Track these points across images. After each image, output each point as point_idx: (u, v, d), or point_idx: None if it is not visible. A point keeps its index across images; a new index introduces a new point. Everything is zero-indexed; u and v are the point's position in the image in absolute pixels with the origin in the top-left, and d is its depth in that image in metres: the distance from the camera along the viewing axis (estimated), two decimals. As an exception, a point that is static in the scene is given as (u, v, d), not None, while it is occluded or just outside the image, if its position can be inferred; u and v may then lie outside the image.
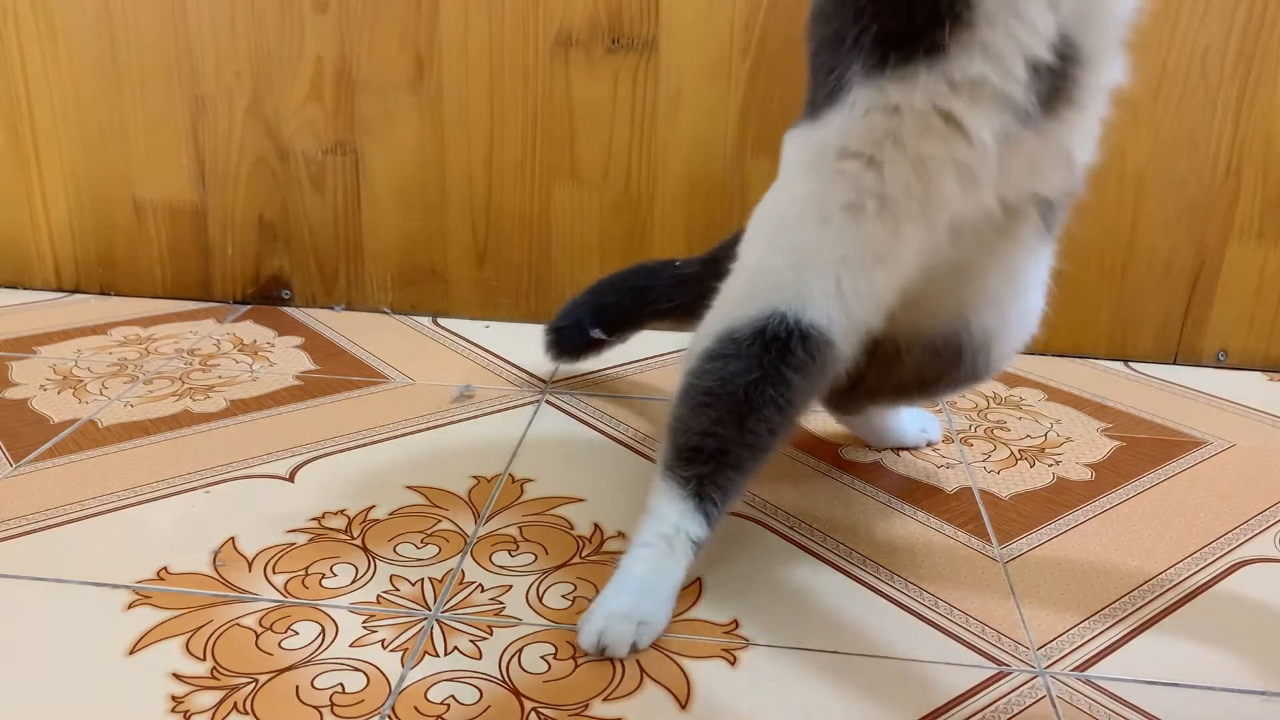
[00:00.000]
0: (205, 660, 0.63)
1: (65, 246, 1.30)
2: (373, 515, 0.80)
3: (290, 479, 0.85)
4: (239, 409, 0.98)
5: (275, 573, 0.72)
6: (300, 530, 0.77)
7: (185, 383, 1.04)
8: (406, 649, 0.64)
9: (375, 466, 0.88)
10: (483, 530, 0.78)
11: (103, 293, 1.31)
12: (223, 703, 0.59)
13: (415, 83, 1.19)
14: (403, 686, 0.61)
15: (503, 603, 0.69)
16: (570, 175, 1.20)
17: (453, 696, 0.60)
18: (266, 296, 1.29)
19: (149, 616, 0.67)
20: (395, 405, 1.00)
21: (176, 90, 1.22)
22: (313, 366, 1.10)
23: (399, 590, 0.70)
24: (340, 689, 0.61)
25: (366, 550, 0.75)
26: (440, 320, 1.26)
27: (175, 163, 1.25)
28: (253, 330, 1.20)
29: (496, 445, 0.92)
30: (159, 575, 0.71)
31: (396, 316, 1.27)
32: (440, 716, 0.59)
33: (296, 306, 1.29)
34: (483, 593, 0.71)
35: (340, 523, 0.79)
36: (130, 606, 0.68)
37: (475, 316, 1.27)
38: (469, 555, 0.75)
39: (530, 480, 0.86)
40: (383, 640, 0.65)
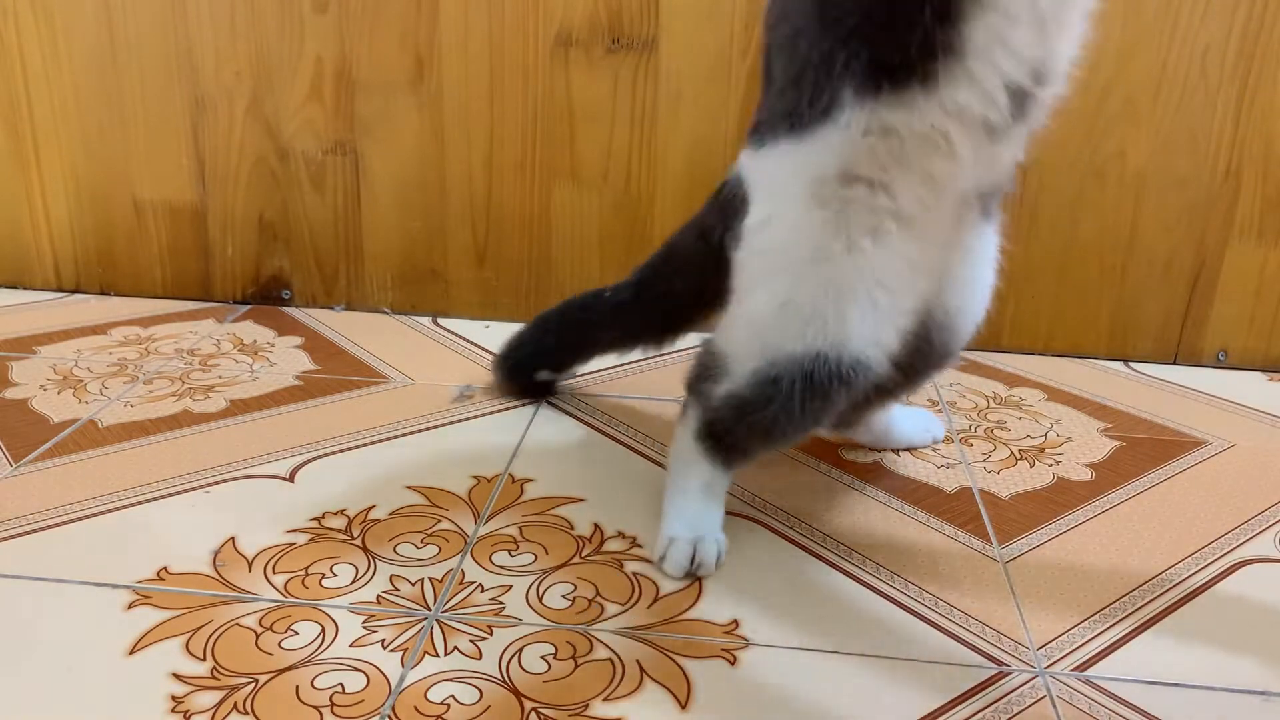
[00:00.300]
0: (205, 660, 0.63)
1: (65, 246, 1.30)
2: (373, 515, 0.80)
3: (290, 479, 0.85)
4: (239, 409, 0.98)
5: (275, 573, 0.72)
6: (300, 530, 0.77)
7: (185, 383, 1.04)
8: (406, 649, 0.64)
9: (375, 466, 0.88)
10: (483, 530, 0.78)
11: (103, 293, 1.31)
12: (223, 703, 0.59)
13: (415, 83, 1.19)
14: (403, 686, 0.61)
15: (503, 603, 0.70)
16: (570, 175, 1.20)
17: (453, 696, 0.60)
18: (266, 296, 1.29)
19: (149, 616, 0.67)
20: (395, 405, 1.00)
21: (176, 90, 1.22)
22: (313, 366, 1.10)
23: (399, 590, 0.70)
24: (340, 689, 0.61)
25: (366, 550, 0.75)
26: (440, 320, 1.26)
27: (175, 163, 1.25)
28: (253, 330, 1.20)
29: (496, 445, 0.92)
30: (159, 575, 0.71)
31: (396, 316, 1.27)
32: (440, 716, 0.59)
33: (296, 306, 1.29)
34: (483, 593, 0.71)
35: (340, 523, 0.79)
36: (130, 606, 0.68)
37: (475, 316, 1.27)
38: (469, 555, 0.75)
39: (530, 480, 0.86)
40: (383, 640, 0.65)
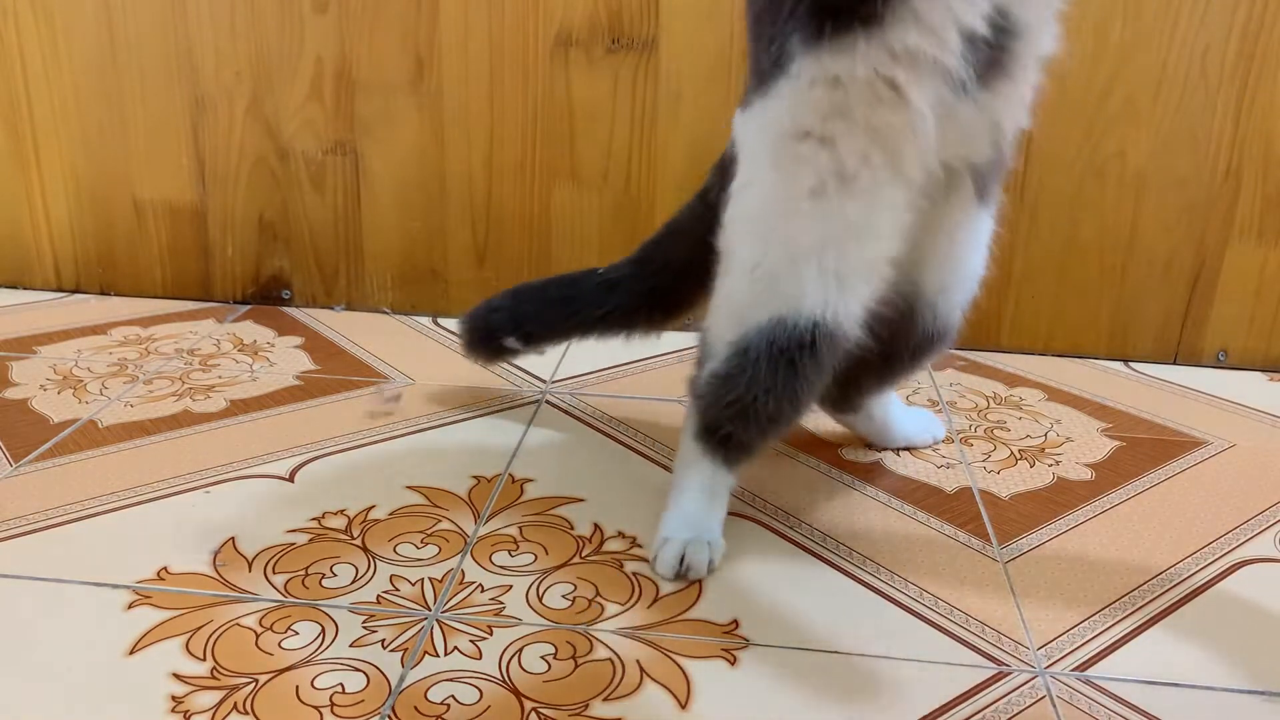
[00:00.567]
0: (205, 660, 0.63)
1: (65, 246, 1.30)
2: (373, 515, 0.80)
3: (290, 479, 0.85)
4: (239, 409, 0.98)
5: (275, 573, 0.72)
6: (300, 530, 0.77)
7: (185, 383, 1.04)
8: (406, 649, 0.64)
9: (375, 466, 0.88)
10: (483, 530, 0.78)
11: (103, 293, 1.31)
12: (223, 703, 0.59)
13: (415, 83, 1.19)
14: (403, 686, 0.61)
15: (503, 603, 0.70)
16: (570, 175, 1.20)
17: (453, 696, 0.60)
18: (266, 296, 1.29)
19: (149, 616, 0.67)
20: (395, 405, 1.00)
21: (176, 90, 1.22)
22: (313, 366, 1.10)
23: (399, 590, 0.70)
24: (340, 689, 0.61)
25: (366, 550, 0.75)
26: (440, 320, 1.26)
27: (175, 163, 1.25)
28: (253, 330, 1.20)
29: (496, 445, 0.92)
30: (159, 575, 0.71)
31: (396, 316, 1.27)
32: (440, 716, 0.59)
33: (296, 306, 1.29)
34: (483, 593, 0.71)
35: (340, 523, 0.79)
36: (130, 606, 0.68)
37: (472, 308, 1.26)
38: (469, 555, 0.75)
39: (530, 480, 0.86)
40: (383, 640, 0.65)
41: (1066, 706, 0.62)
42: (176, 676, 0.61)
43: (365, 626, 0.66)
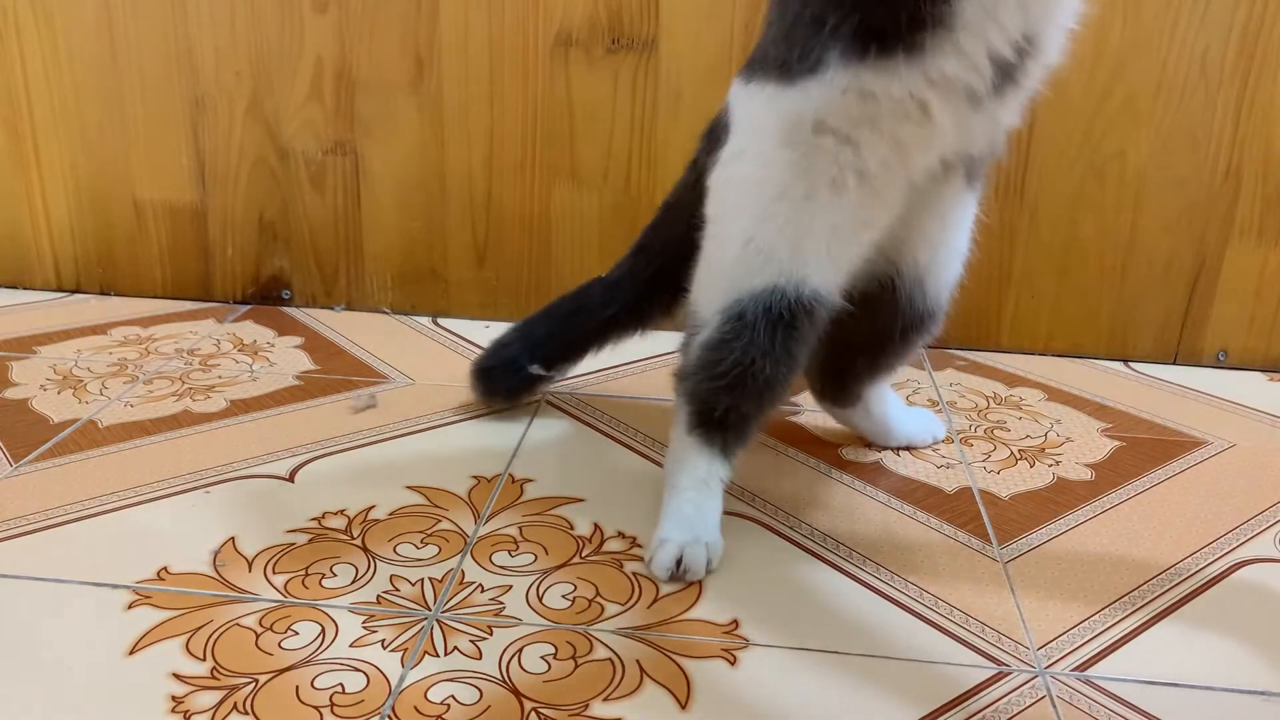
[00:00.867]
0: (205, 660, 0.63)
1: (65, 246, 1.30)
2: (373, 515, 0.80)
3: (290, 479, 0.85)
4: (239, 409, 0.98)
5: (275, 573, 0.72)
6: (300, 530, 0.77)
7: (185, 383, 1.04)
8: (406, 649, 0.64)
9: (375, 466, 0.88)
10: (483, 530, 0.78)
11: (103, 293, 1.31)
12: (223, 703, 0.59)
13: (415, 83, 1.19)
14: (403, 686, 0.61)
15: (503, 603, 0.70)
16: (570, 175, 1.20)
17: (453, 696, 0.60)
18: (266, 296, 1.29)
19: (149, 616, 0.67)
20: (395, 405, 1.00)
21: (176, 90, 1.22)
22: (313, 366, 1.10)
23: (399, 590, 0.70)
24: (340, 689, 0.61)
25: (366, 550, 0.75)
26: (440, 320, 1.26)
27: (175, 163, 1.25)
28: (253, 330, 1.20)
29: (496, 445, 0.92)
30: (159, 575, 0.71)
31: (396, 316, 1.27)
32: (440, 716, 0.59)
33: (296, 306, 1.29)
34: (483, 593, 0.71)
35: (340, 523, 0.79)
36: (130, 606, 0.68)
37: (475, 316, 1.27)
38: (469, 555, 0.75)
39: (530, 480, 0.86)
40: (383, 640, 0.65)
41: (1066, 706, 0.62)
42: (176, 676, 0.61)
43: (365, 626, 0.66)
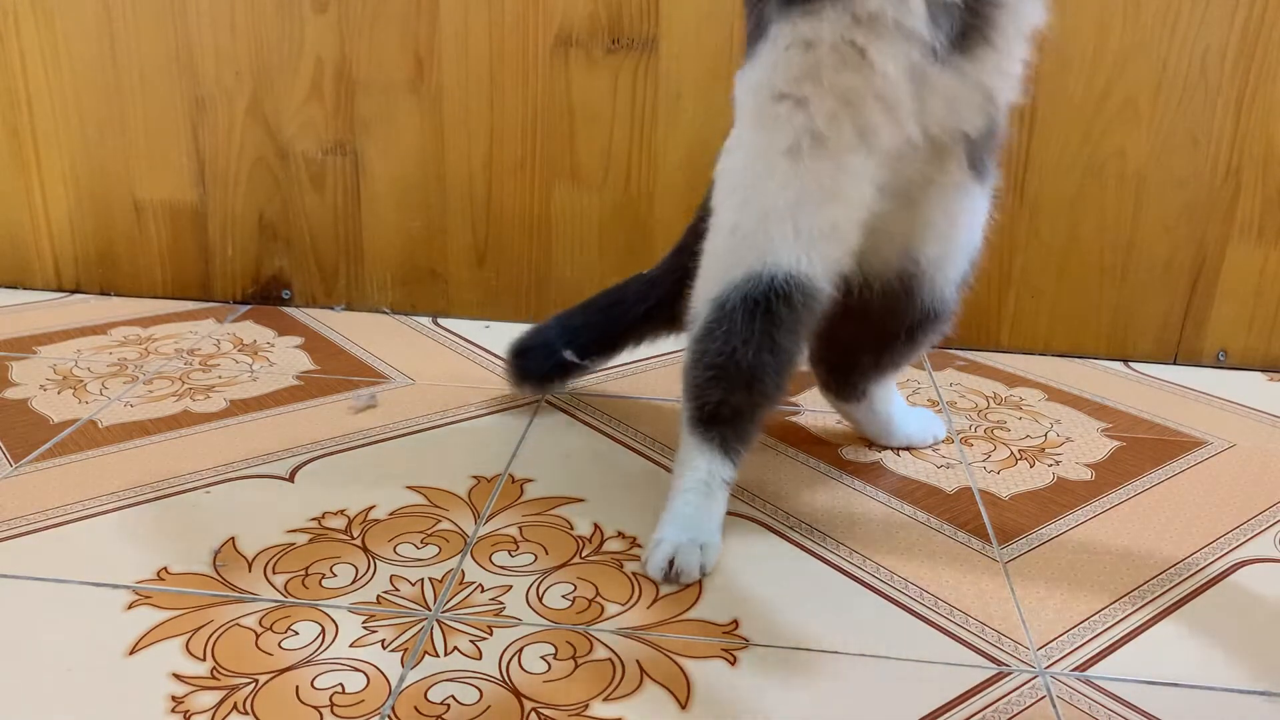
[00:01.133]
0: (205, 660, 0.63)
1: (65, 246, 1.30)
2: (373, 515, 0.80)
3: (290, 479, 0.85)
4: (239, 409, 0.98)
5: (275, 573, 0.72)
6: (300, 530, 0.77)
7: (185, 383, 1.04)
8: (406, 649, 0.64)
9: (375, 466, 0.88)
10: (483, 530, 0.78)
11: (103, 293, 1.31)
12: (223, 703, 0.59)
13: (415, 83, 1.19)
14: (403, 686, 0.61)
15: (503, 603, 0.70)
16: (570, 175, 1.20)
17: (453, 696, 0.60)
18: (266, 296, 1.29)
19: (149, 616, 0.67)
20: (395, 405, 1.00)
21: (176, 90, 1.22)
22: (313, 366, 1.10)
23: (399, 590, 0.70)
24: (340, 689, 0.61)
25: (366, 550, 0.75)
26: (440, 320, 1.26)
27: (175, 163, 1.25)
28: (253, 330, 1.20)
29: (496, 445, 0.93)
30: (159, 575, 0.71)
31: (396, 316, 1.27)
32: (440, 716, 0.59)
33: (296, 306, 1.29)
34: (483, 593, 0.71)
35: (340, 523, 0.79)
36: (130, 606, 0.68)
37: (475, 316, 1.27)
38: (469, 555, 0.75)
39: (530, 480, 0.86)
40: (383, 640, 0.65)
41: (1066, 706, 0.62)
42: (176, 676, 0.61)
43: (365, 626, 0.66)
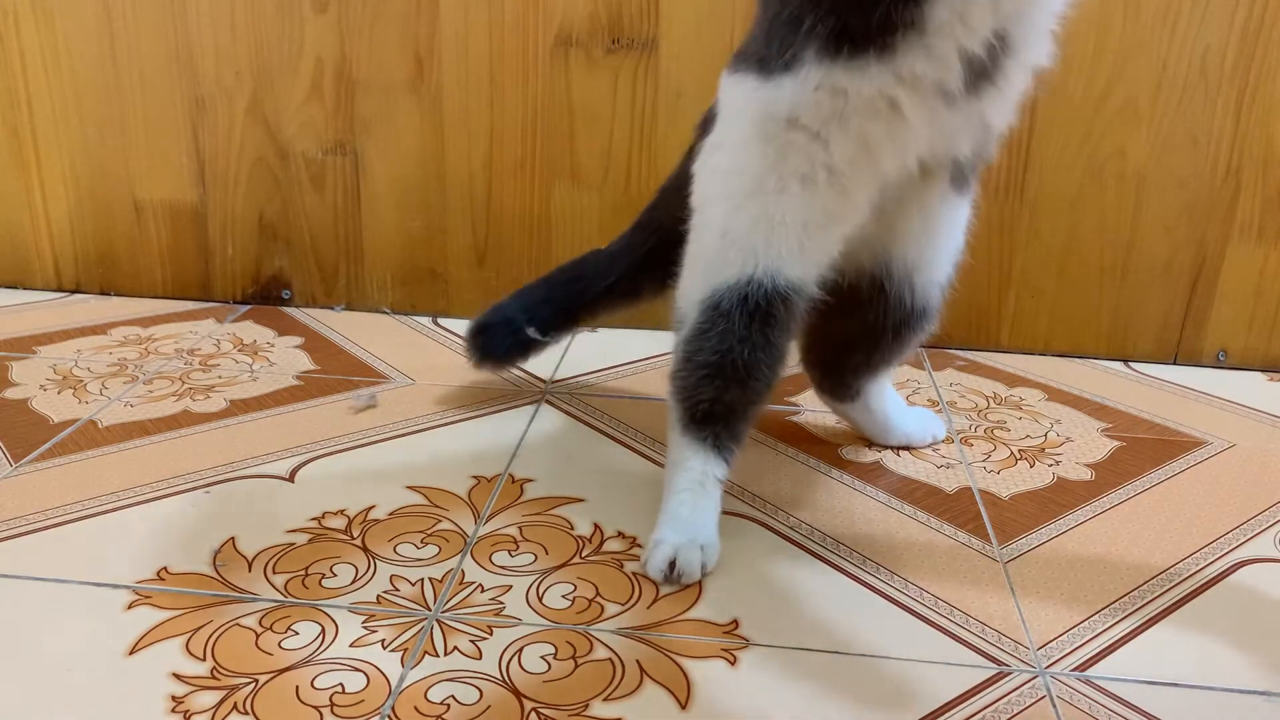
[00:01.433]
0: (205, 660, 0.63)
1: (65, 246, 1.30)
2: (373, 515, 0.80)
3: (290, 479, 0.85)
4: (239, 409, 0.98)
5: (275, 573, 0.72)
6: (300, 530, 0.77)
7: (185, 383, 1.04)
8: (406, 649, 0.64)
9: (375, 466, 0.88)
10: (483, 530, 0.78)
11: (103, 293, 1.31)
12: (223, 703, 0.59)
13: (415, 83, 1.19)
14: (403, 686, 0.61)
15: (503, 603, 0.70)
16: (570, 175, 1.20)
17: (453, 696, 0.60)
18: (266, 296, 1.29)
19: (149, 616, 0.67)
20: (395, 405, 1.00)
21: (176, 90, 1.22)
22: (313, 366, 1.10)
23: (399, 590, 0.70)
24: (340, 689, 0.61)
25: (366, 550, 0.75)
26: (440, 320, 1.26)
27: (175, 163, 1.25)
28: (253, 330, 1.20)
29: (496, 445, 0.92)
30: (159, 575, 0.71)
31: (396, 316, 1.27)
32: (440, 716, 0.59)
33: (296, 306, 1.29)
34: (483, 593, 0.71)
35: (340, 523, 0.79)
36: (130, 606, 0.68)
37: (475, 316, 1.26)
38: (469, 555, 0.75)
39: (530, 480, 0.86)
40: (383, 640, 0.65)
41: (1066, 706, 0.62)
42: (176, 676, 0.61)
43: (365, 626, 0.66)
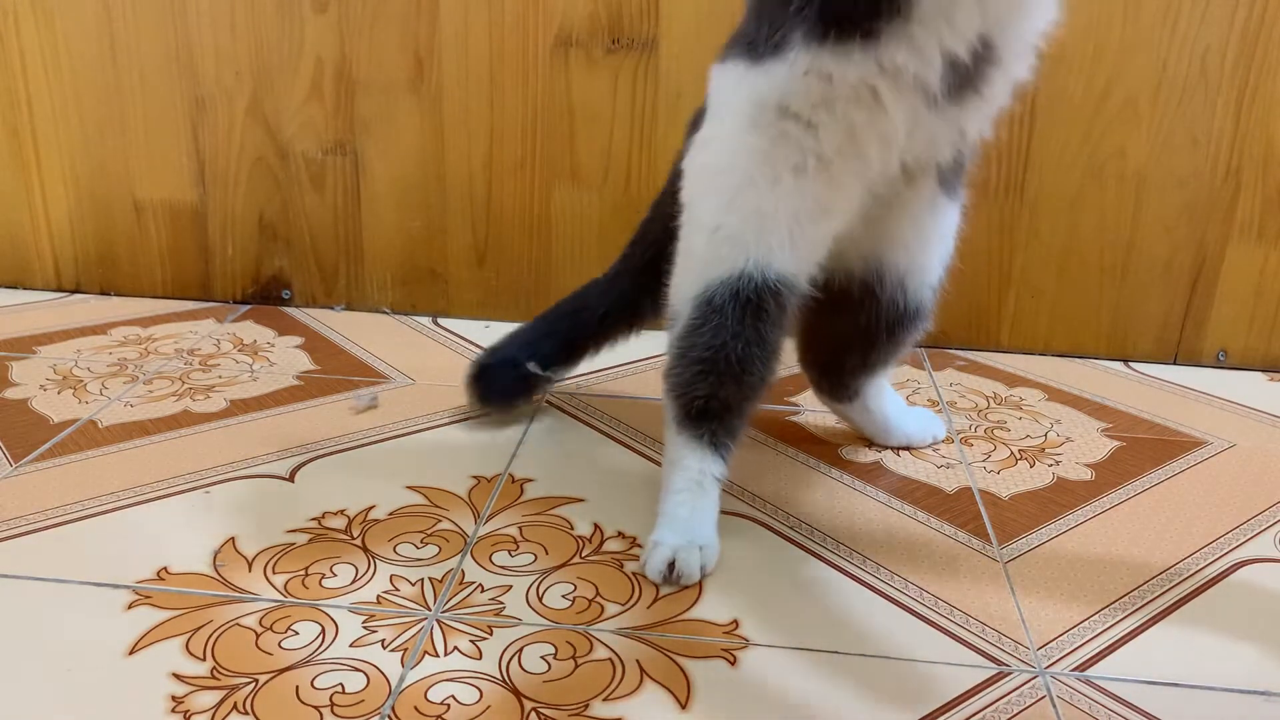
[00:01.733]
0: (205, 660, 0.63)
1: (65, 246, 1.30)
2: (373, 515, 0.80)
3: (290, 479, 0.85)
4: (239, 409, 0.98)
5: (275, 573, 0.72)
6: (300, 530, 0.77)
7: (185, 383, 1.04)
8: (406, 649, 0.64)
9: (375, 466, 0.88)
10: (483, 530, 0.78)
11: (103, 293, 1.31)
12: (223, 703, 0.59)
13: (415, 83, 1.19)
14: (403, 686, 0.61)
15: (503, 603, 0.70)
16: (570, 175, 1.20)
17: (453, 696, 0.60)
18: (266, 296, 1.29)
19: (149, 616, 0.67)
20: (395, 405, 1.00)
21: (176, 90, 1.22)
22: (313, 366, 1.10)
23: (399, 590, 0.70)
24: (340, 689, 0.61)
25: (366, 550, 0.75)
26: (440, 320, 1.26)
27: (175, 163, 1.25)
28: (253, 330, 1.20)
29: (496, 445, 0.93)
30: (159, 575, 0.71)
31: (396, 316, 1.27)
32: (440, 716, 0.59)
33: (296, 306, 1.29)
34: (483, 593, 0.71)
35: (340, 523, 0.79)
36: (130, 606, 0.68)
37: (475, 316, 1.27)
38: (469, 555, 0.75)
39: (530, 480, 0.86)
40: (383, 640, 0.65)
41: (1066, 706, 0.62)
42: (176, 676, 0.61)
43: (365, 626, 0.66)
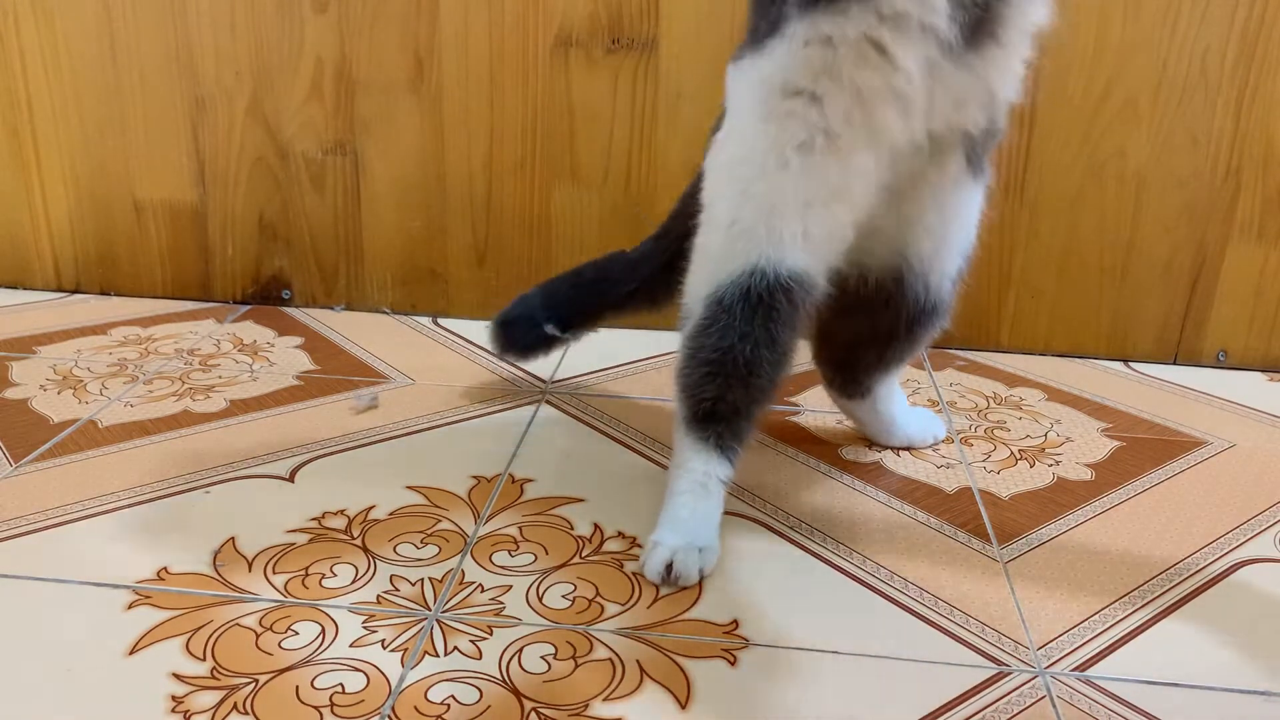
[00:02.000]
0: (205, 660, 0.63)
1: (65, 246, 1.30)
2: (373, 515, 0.80)
3: (290, 479, 0.85)
4: (239, 409, 0.98)
5: (275, 573, 0.72)
6: (300, 530, 0.77)
7: (185, 383, 1.04)
8: (406, 649, 0.64)
9: (375, 466, 0.88)
10: (483, 530, 0.78)
11: (103, 293, 1.31)
12: (223, 703, 0.59)
13: (415, 83, 1.19)
14: (403, 686, 0.61)
15: (503, 603, 0.70)
16: (570, 175, 1.20)
17: (453, 696, 0.60)
18: (266, 296, 1.29)
19: (149, 616, 0.67)
20: (395, 405, 1.00)
21: (176, 90, 1.22)
22: (313, 366, 1.10)
23: (399, 590, 0.70)
24: (340, 689, 0.61)
25: (366, 550, 0.75)
26: (440, 320, 1.26)
27: (175, 163, 1.25)
28: (253, 330, 1.20)
29: (496, 445, 0.93)
30: (159, 575, 0.71)
31: (396, 316, 1.27)
32: (440, 716, 0.59)
33: (296, 306, 1.29)
34: (483, 593, 0.71)
35: (340, 523, 0.79)
36: (130, 606, 0.68)
37: (475, 316, 1.27)
38: (469, 555, 0.75)
39: (530, 480, 0.86)
40: (383, 640, 0.65)
41: (1066, 706, 0.62)
42: (176, 676, 0.61)
43: (365, 626, 0.66)
